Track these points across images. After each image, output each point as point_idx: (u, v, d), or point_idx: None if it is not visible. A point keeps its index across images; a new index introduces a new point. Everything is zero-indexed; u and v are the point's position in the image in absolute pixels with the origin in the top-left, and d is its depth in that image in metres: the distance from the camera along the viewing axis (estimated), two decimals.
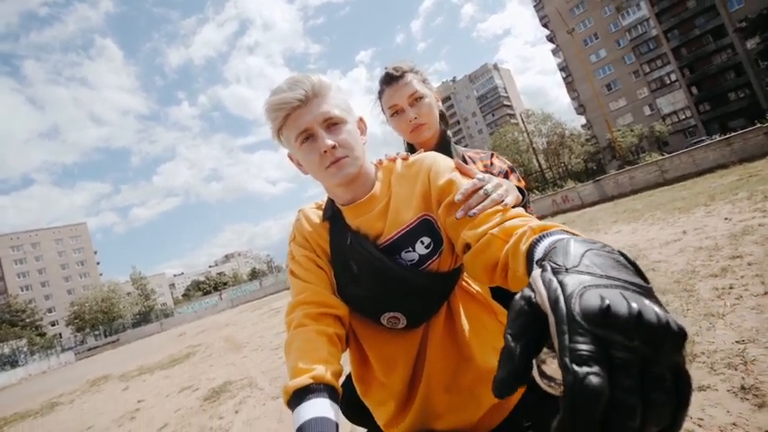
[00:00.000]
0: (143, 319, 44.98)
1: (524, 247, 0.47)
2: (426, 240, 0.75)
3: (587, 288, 0.28)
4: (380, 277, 0.76)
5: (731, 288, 2.97)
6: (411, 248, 0.76)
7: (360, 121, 0.83)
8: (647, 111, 46.58)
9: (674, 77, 44.15)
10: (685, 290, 3.26)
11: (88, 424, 5.63)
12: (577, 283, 0.29)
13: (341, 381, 0.68)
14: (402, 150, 1.14)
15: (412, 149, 1.26)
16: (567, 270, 0.31)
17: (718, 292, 3.00)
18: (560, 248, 0.35)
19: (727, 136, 13.25)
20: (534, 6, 56.02)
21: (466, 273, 0.85)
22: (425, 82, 1.23)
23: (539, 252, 0.42)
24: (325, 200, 0.87)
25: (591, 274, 0.30)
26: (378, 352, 0.81)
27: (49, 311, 65.53)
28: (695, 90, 43.20)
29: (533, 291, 0.32)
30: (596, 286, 0.28)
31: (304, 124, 0.72)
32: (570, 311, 0.27)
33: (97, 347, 35.22)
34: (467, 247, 0.64)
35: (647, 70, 45.97)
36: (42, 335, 49.09)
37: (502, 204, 0.64)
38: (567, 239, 0.37)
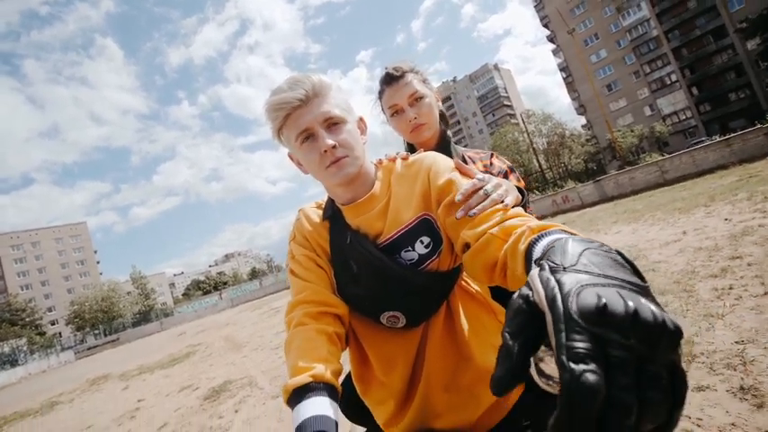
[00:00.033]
0: (143, 318, 44.90)
1: (523, 246, 0.48)
2: (426, 240, 0.76)
3: (584, 287, 0.28)
4: (380, 276, 0.76)
5: (731, 289, 2.97)
6: (411, 248, 0.76)
7: (360, 120, 0.84)
8: (647, 111, 46.55)
9: (674, 78, 44.11)
10: (685, 290, 3.26)
11: (88, 423, 5.64)
12: (575, 281, 0.29)
13: (340, 380, 0.68)
14: (402, 150, 1.14)
15: (412, 149, 1.26)
16: (565, 269, 0.31)
17: (717, 292, 3.00)
18: (558, 247, 0.35)
19: (728, 137, 13.23)
20: (535, 6, 55.99)
21: (465, 272, 0.85)
22: (425, 82, 1.24)
23: (537, 251, 0.43)
24: (326, 199, 0.87)
25: (588, 272, 0.30)
26: (377, 351, 0.82)
27: (49, 310, 65.52)
28: (696, 90, 43.17)
29: (531, 289, 0.32)
30: (593, 285, 0.28)
31: (304, 124, 0.72)
32: (567, 310, 0.27)
33: (97, 347, 35.19)
34: (466, 247, 0.65)
35: (647, 71, 45.93)
36: (42, 334, 49.10)
37: (502, 204, 0.64)
38: (566, 239, 0.37)
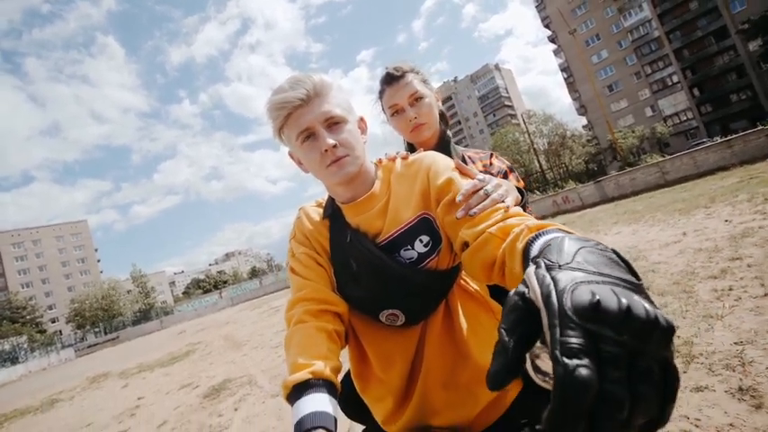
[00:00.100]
0: (143, 316, 44.87)
1: (521, 245, 0.48)
2: (425, 239, 0.76)
3: (579, 284, 0.29)
4: (379, 275, 0.77)
5: (730, 290, 2.97)
6: (410, 247, 0.76)
7: (360, 120, 0.84)
8: (648, 112, 46.52)
9: (675, 79, 44.08)
10: (685, 291, 3.26)
11: (88, 420, 5.65)
12: (570, 279, 0.30)
13: (340, 377, 0.69)
14: (402, 150, 1.15)
15: (412, 149, 1.26)
16: (561, 267, 0.32)
17: (717, 293, 3.00)
18: (555, 246, 0.36)
19: (728, 138, 13.24)
20: (536, 7, 55.98)
21: (464, 271, 0.86)
22: (426, 82, 1.24)
23: (534, 250, 0.43)
24: (326, 198, 0.88)
25: (583, 270, 0.31)
26: (376, 349, 0.82)
27: (50, 308, 65.61)
28: (697, 92, 43.14)
29: (527, 286, 0.32)
30: (588, 282, 0.29)
31: (305, 123, 0.73)
32: (562, 306, 0.27)
33: (97, 345, 35.17)
34: (465, 246, 0.65)
35: (648, 71, 45.89)
36: (42, 332, 49.16)
37: (502, 204, 0.64)
38: (562, 237, 0.37)
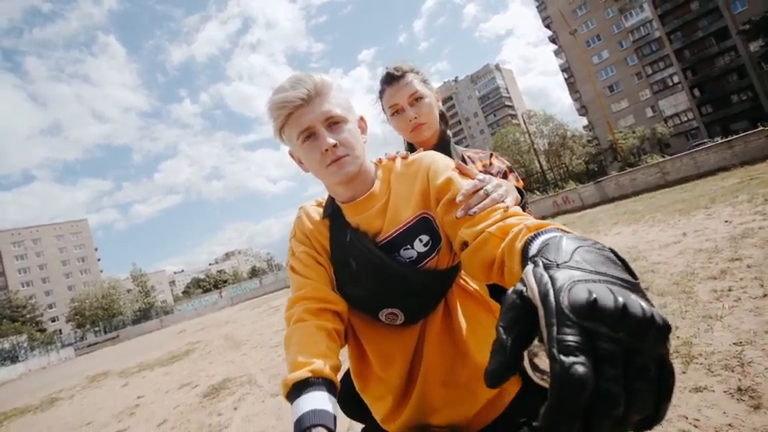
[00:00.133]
0: (143, 315, 44.91)
1: (520, 244, 0.48)
2: (425, 238, 0.76)
3: (576, 282, 0.29)
4: (379, 274, 0.77)
5: (730, 290, 2.97)
6: (410, 246, 0.77)
7: (360, 120, 0.84)
8: (648, 112, 46.48)
9: (676, 79, 44.05)
10: (684, 292, 3.26)
11: (88, 419, 5.66)
12: (567, 277, 0.30)
13: (339, 376, 0.69)
14: (402, 149, 1.15)
15: (412, 149, 1.27)
16: (558, 265, 0.32)
17: (716, 294, 3.00)
18: (553, 245, 0.36)
19: (729, 138, 13.23)
20: (537, 7, 55.93)
21: (463, 270, 0.86)
22: (426, 82, 1.24)
23: (533, 249, 0.43)
24: (326, 197, 0.88)
25: (581, 269, 0.31)
26: (376, 348, 0.82)
27: (50, 307, 65.63)
28: (698, 92, 43.11)
29: (525, 285, 0.33)
30: (585, 281, 0.29)
31: (306, 123, 0.73)
32: (559, 304, 0.28)
33: (97, 344, 35.19)
34: (464, 245, 0.65)
35: (649, 72, 45.86)
36: (42, 330, 49.21)
37: (502, 204, 0.65)
38: (560, 236, 0.38)
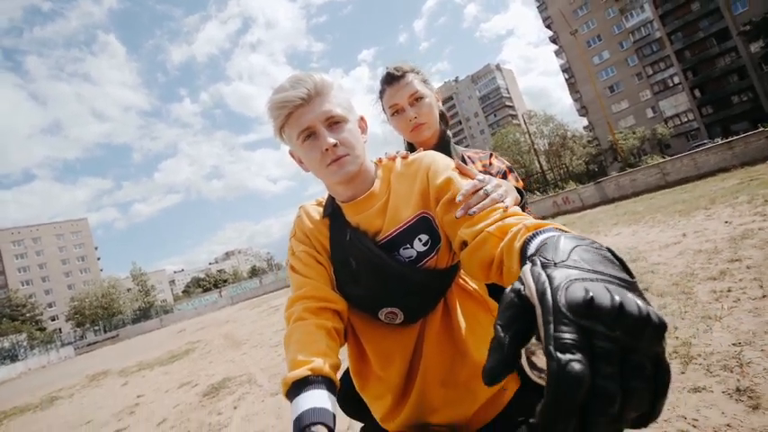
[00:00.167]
0: (143, 315, 44.86)
1: (518, 244, 0.48)
2: (424, 238, 0.77)
3: (573, 281, 0.29)
4: (379, 273, 0.77)
5: (729, 291, 2.97)
6: (409, 245, 0.77)
7: (361, 119, 0.85)
8: (649, 113, 46.46)
9: (677, 80, 44.03)
10: (684, 292, 3.26)
11: (87, 418, 5.66)
12: (564, 276, 0.30)
13: (339, 375, 0.69)
14: (402, 149, 1.15)
15: (412, 148, 1.27)
16: (556, 264, 0.32)
17: (716, 294, 3.00)
18: (551, 244, 0.37)
19: (729, 139, 13.24)
20: (537, 7, 55.90)
21: (463, 270, 0.86)
22: (426, 82, 1.25)
23: (531, 248, 0.44)
24: (326, 197, 0.88)
25: (578, 268, 0.31)
26: (375, 346, 0.83)
27: (50, 306, 65.66)
28: (698, 93, 43.09)
29: (523, 284, 0.33)
30: (582, 280, 0.29)
31: (306, 122, 0.73)
32: (556, 303, 0.28)
33: (97, 343, 35.16)
34: (463, 245, 0.66)
35: (650, 72, 45.84)
36: (42, 329, 49.20)
37: (501, 204, 0.65)
38: (558, 236, 0.38)
